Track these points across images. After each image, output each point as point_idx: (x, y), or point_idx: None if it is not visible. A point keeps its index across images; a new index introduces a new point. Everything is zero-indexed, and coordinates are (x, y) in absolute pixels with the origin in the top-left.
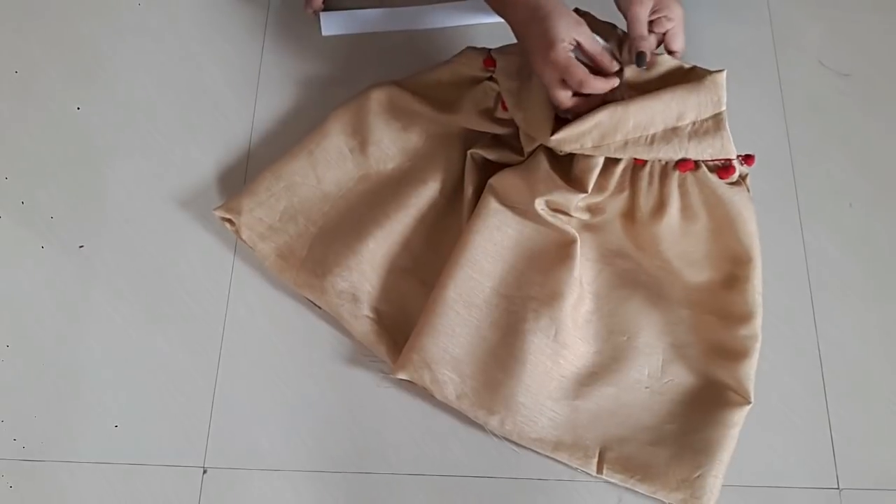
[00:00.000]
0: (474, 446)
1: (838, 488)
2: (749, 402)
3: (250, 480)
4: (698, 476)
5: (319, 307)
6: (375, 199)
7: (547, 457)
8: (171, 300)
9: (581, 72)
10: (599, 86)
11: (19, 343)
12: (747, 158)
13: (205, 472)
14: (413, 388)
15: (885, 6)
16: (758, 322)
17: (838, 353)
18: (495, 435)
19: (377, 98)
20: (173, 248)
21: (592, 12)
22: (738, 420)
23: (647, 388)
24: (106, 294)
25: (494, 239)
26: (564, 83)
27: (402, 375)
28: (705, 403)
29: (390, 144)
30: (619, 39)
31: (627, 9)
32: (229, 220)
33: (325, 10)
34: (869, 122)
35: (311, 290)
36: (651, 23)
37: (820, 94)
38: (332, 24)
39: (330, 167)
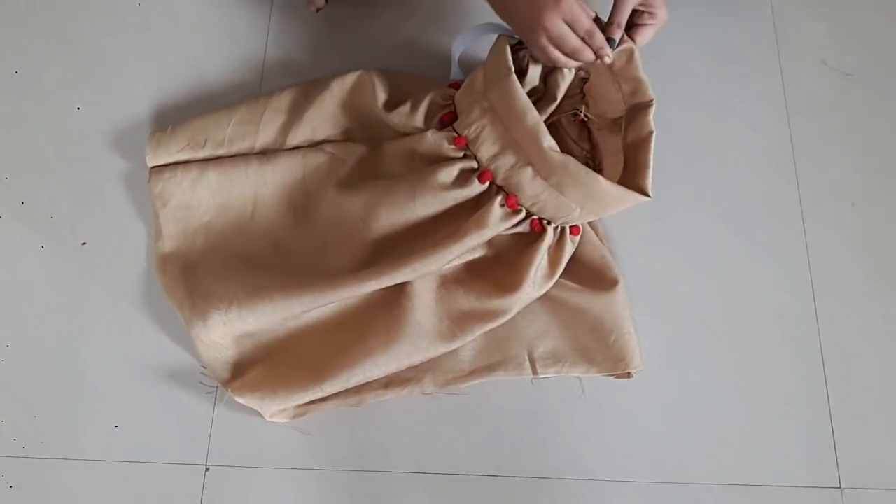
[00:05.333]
0: (477, 445)
1: (840, 487)
2: (618, 281)
3: (253, 478)
4: (614, 341)
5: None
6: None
7: (490, 379)
8: None
9: (587, 21)
10: (599, 40)
11: (19, 342)
12: (573, 229)
13: (207, 469)
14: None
15: (889, 7)
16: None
17: (840, 353)
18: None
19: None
20: None
21: None
22: (622, 297)
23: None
24: (107, 291)
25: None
26: (561, 42)
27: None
28: (583, 298)
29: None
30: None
31: None
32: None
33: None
34: (871, 121)
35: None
36: (633, 12)
37: (822, 94)
38: None
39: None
